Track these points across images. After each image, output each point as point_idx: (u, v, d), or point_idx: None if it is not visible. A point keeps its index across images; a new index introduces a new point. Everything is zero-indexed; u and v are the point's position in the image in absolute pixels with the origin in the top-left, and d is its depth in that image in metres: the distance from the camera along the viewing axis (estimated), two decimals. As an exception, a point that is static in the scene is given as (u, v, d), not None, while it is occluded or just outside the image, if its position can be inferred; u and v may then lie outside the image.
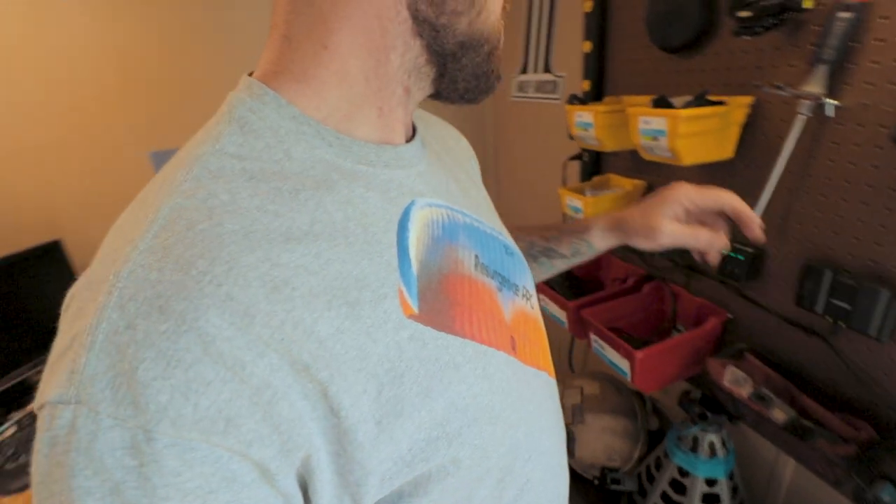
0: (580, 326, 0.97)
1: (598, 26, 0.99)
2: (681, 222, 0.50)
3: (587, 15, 1.00)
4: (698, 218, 0.51)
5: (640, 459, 0.99)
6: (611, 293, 0.98)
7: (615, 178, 1.04)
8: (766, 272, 0.76)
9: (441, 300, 0.31)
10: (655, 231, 0.49)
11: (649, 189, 0.97)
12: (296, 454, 0.24)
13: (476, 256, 0.37)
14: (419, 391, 0.28)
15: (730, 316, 0.84)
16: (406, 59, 0.32)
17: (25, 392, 1.17)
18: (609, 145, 0.87)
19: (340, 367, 0.25)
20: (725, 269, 0.77)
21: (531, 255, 0.60)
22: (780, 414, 0.72)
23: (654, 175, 0.95)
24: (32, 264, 1.18)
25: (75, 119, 1.23)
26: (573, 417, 1.02)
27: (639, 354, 0.77)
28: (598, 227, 0.55)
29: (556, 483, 0.41)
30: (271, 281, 0.24)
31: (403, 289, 0.29)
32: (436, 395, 0.29)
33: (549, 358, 0.43)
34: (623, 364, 0.82)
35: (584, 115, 0.88)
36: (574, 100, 0.93)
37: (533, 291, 0.45)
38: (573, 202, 0.97)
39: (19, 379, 1.16)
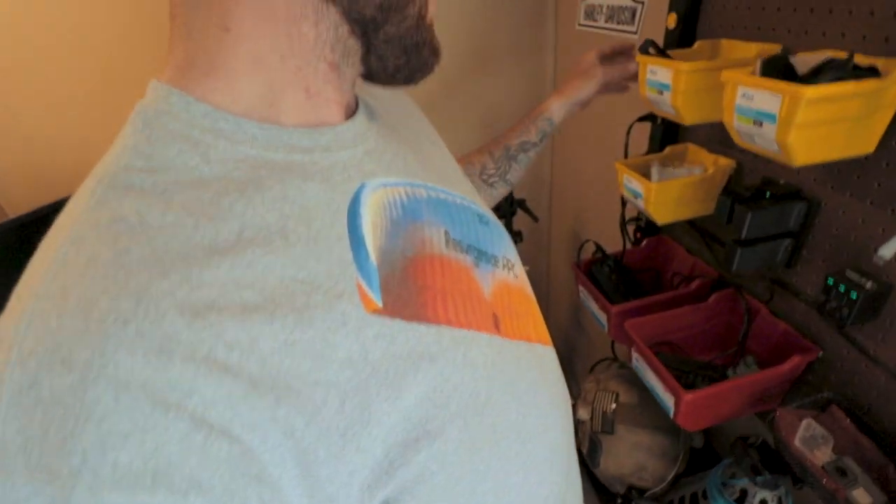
0: (623, 333, 0.82)
1: (701, -65, 0.71)
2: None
3: (687, -83, 0.72)
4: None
5: (676, 478, 0.88)
6: (667, 298, 0.81)
7: (695, 151, 0.81)
8: (888, 314, 0.56)
9: (408, 287, 0.29)
10: (592, 74, 0.71)
11: (739, 170, 0.74)
12: (243, 493, 0.21)
13: (446, 232, 0.34)
14: (389, 394, 0.26)
15: (820, 354, 0.65)
16: (321, 29, 0.28)
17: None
18: (691, 117, 0.65)
19: (291, 384, 0.23)
20: (828, 306, 0.57)
21: (510, 157, 0.70)
22: (863, 497, 0.56)
23: (748, 153, 0.72)
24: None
25: (111, 67, 1.16)
26: (602, 425, 0.91)
27: (687, 397, 0.62)
28: (553, 102, 0.71)
29: (562, 458, 0.39)
30: (191, 306, 0.22)
31: (363, 283, 0.27)
32: (409, 395, 0.27)
33: (543, 327, 0.41)
34: (667, 399, 0.67)
35: (660, 73, 0.65)
36: (649, 47, 0.69)
37: (515, 259, 0.42)
38: (632, 185, 0.76)
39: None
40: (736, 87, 0.52)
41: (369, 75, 0.33)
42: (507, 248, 0.41)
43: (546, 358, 0.39)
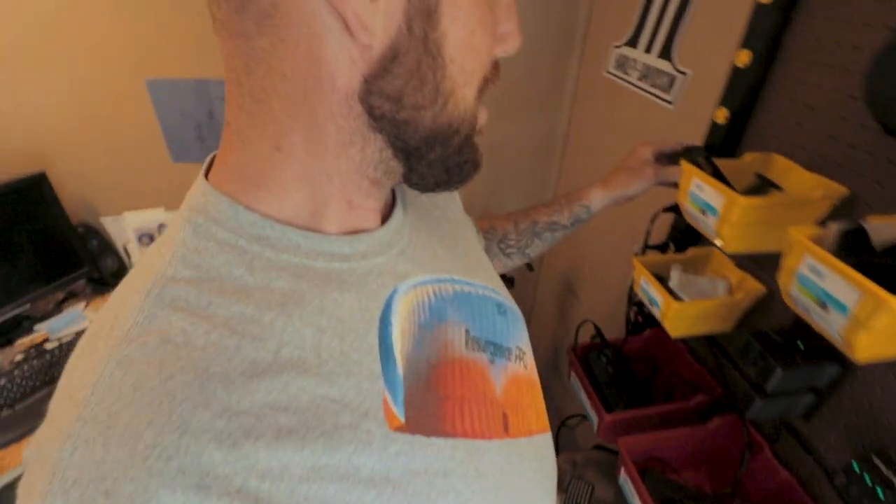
0: (612, 436, 0.77)
1: (773, 33, 0.62)
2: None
3: (761, 7, 0.63)
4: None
5: (639, 581, 0.85)
6: (664, 412, 0.75)
7: (720, 259, 0.74)
8: (910, 510, 0.51)
9: (430, 399, 0.30)
10: (642, 172, 0.65)
11: (770, 297, 0.68)
12: None
13: (466, 331, 0.35)
14: None
15: (822, 517, 0.61)
16: (367, 153, 0.29)
17: (14, 329, 1.12)
18: (735, 247, 0.58)
19: None
20: (849, 493, 0.53)
21: (535, 234, 0.67)
22: None
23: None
24: (15, 198, 1.05)
25: (63, 41, 0.99)
26: (574, 520, 0.86)
27: (681, 554, 0.57)
28: (596, 191, 0.66)
29: None
30: (230, 436, 0.23)
31: (388, 397, 0.28)
32: None
33: (543, 412, 0.41)
34: (655, 540, 0.62)
35: (708, 192, 0.57)
36: (697, 155, 0.61)
37: (526, 346, 0.42)
38: (651, 292, 0.70)
39: (6, 317, 1.09)
40: (803, 255, 0.45)
41: (409, 184, 0.34)
42: (520, 337, 0.42)
43: (543, 447, 0.40)
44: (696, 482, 0.75)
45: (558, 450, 1.29)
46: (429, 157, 0.30)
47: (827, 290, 0.43)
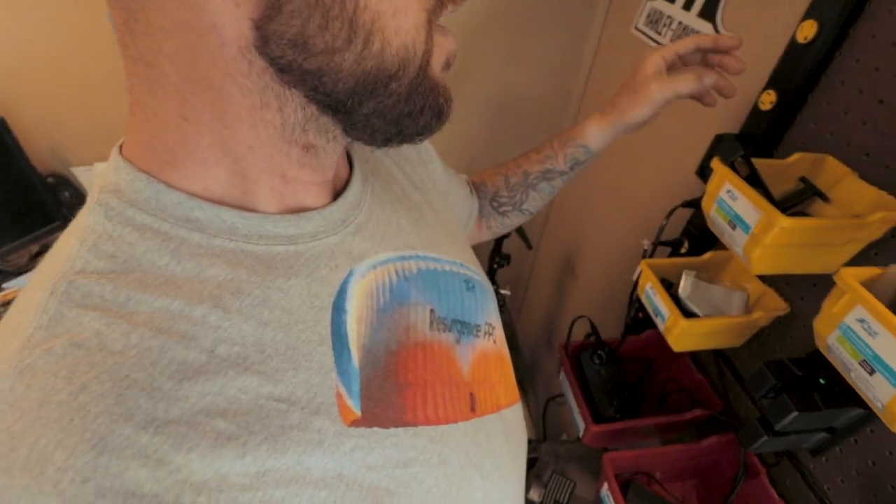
0: (596, 442, 0.73)
1: (850, 4, 0.50)
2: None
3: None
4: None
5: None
6: (658, 424, 0.70)
7: (740, 268, 0.65)
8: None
9: (389, 388, 0.28)
10: (644, 92, 0.48)
11: (791, 316, 0.60)
12: None
13: (431, 311, 0.33)
14: None
15: (814, 556, 0.57)
16: (287, 113, 0.25)
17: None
18: (763, 268, 0.49)
19: None
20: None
21: (529, 186, 0.58)
22: None
23: (808, 300, 0.58)
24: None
25: None
26: (551, 515, 0.85)
27: (658, 589, 0.54)
28: (591, 125, 0.54)
29: None
30: (156, 451, 0.20)
31: (343, 391, 0.26)
32: None
33: (513, 384, 0.40)
34: (632, 565, 0.59)
35: (744, 205, 0.48)
36: (738, 155, 0.51)
37: (496, 321, 0.40)
38: (657, 302, 0.62)
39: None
40: (854, 305, 0.37)
41: (360, 141, 0.29)
42: (489, 312, 0.40)
43: (511, 419, 0.38)
44: (683, 496, 0.71)
45: (545, 429, 1.28)
46: (361, 111, 0.25)
47: (877, 352, 0.36)
